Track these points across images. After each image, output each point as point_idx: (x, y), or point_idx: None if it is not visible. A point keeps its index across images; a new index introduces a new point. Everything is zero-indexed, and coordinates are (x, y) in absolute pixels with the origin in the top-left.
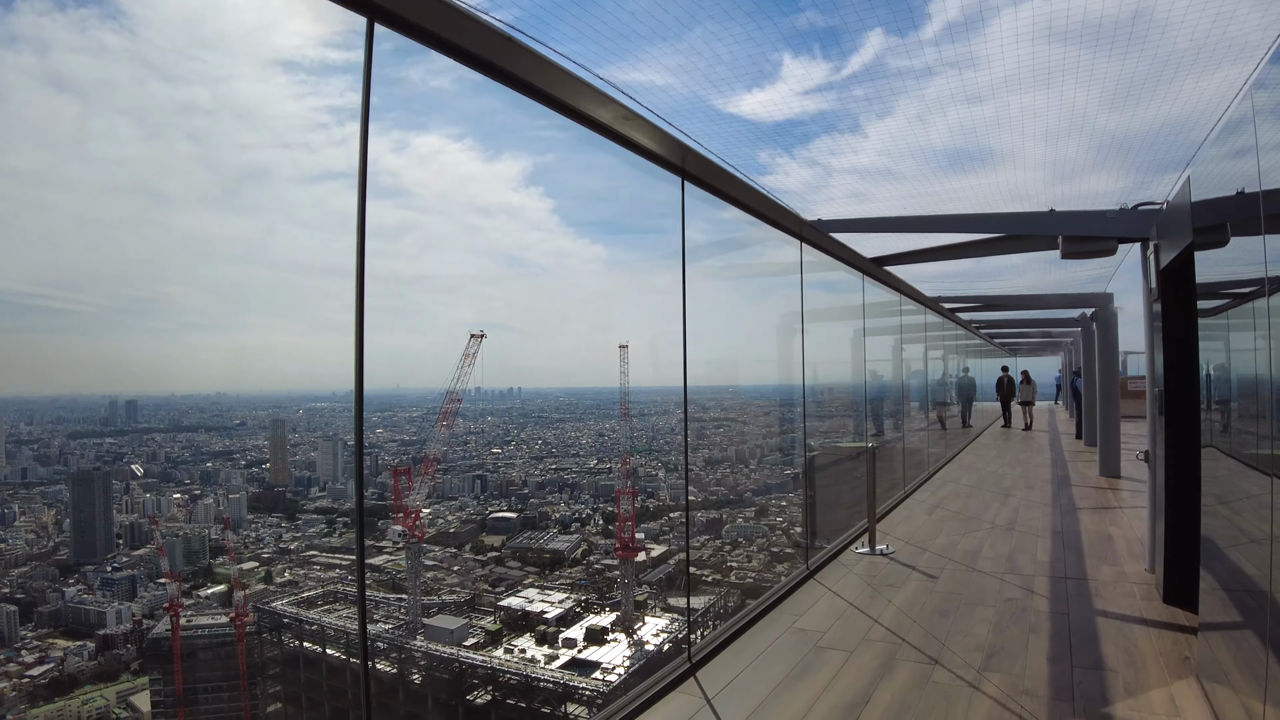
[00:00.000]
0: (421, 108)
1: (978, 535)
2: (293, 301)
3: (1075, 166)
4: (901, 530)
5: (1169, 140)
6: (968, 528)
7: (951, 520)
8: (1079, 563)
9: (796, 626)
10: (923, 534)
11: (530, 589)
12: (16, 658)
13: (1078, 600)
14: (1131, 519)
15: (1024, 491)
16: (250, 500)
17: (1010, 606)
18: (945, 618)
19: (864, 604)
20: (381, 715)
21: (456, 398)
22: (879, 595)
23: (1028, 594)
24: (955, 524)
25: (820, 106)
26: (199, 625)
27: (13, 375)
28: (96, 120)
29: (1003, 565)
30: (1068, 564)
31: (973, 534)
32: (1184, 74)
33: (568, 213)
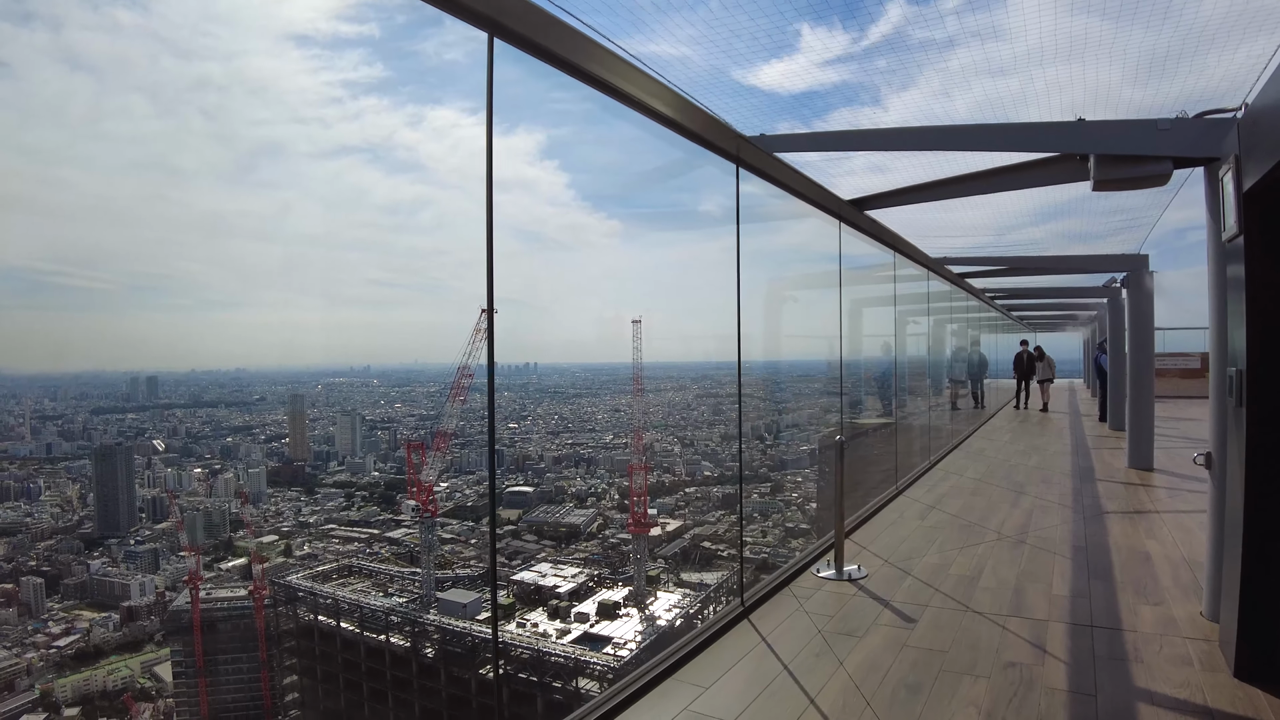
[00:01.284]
0: (436, 81)
1: (978, 551)
2: (310, 277)
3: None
4: (883, 541)
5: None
6: (967, 538)
7: (948, 527)
8: (1110, 599)
9: (693, 710)
10: (909, 548)
11: (544, 563)
12: (44, 629)
13: (1110, 669)
14: (1173, 529)
15: (1039, 487)
16: (270, 475)
17: (1011, 678)
18: (914, 697)
19: (804, 668)
20: (401, 689)
21: (469, 373)
22: (829, 652)
23: (1038, 655)
24: (952, 533)
25: (840, 78)
26: (219, 598)
27: (36, 353)
28: (111, 98)
29: (1007, 602)
30: (1094, 600)
31: (972, 548)
32: (1214, 47)
33: (584, 186)
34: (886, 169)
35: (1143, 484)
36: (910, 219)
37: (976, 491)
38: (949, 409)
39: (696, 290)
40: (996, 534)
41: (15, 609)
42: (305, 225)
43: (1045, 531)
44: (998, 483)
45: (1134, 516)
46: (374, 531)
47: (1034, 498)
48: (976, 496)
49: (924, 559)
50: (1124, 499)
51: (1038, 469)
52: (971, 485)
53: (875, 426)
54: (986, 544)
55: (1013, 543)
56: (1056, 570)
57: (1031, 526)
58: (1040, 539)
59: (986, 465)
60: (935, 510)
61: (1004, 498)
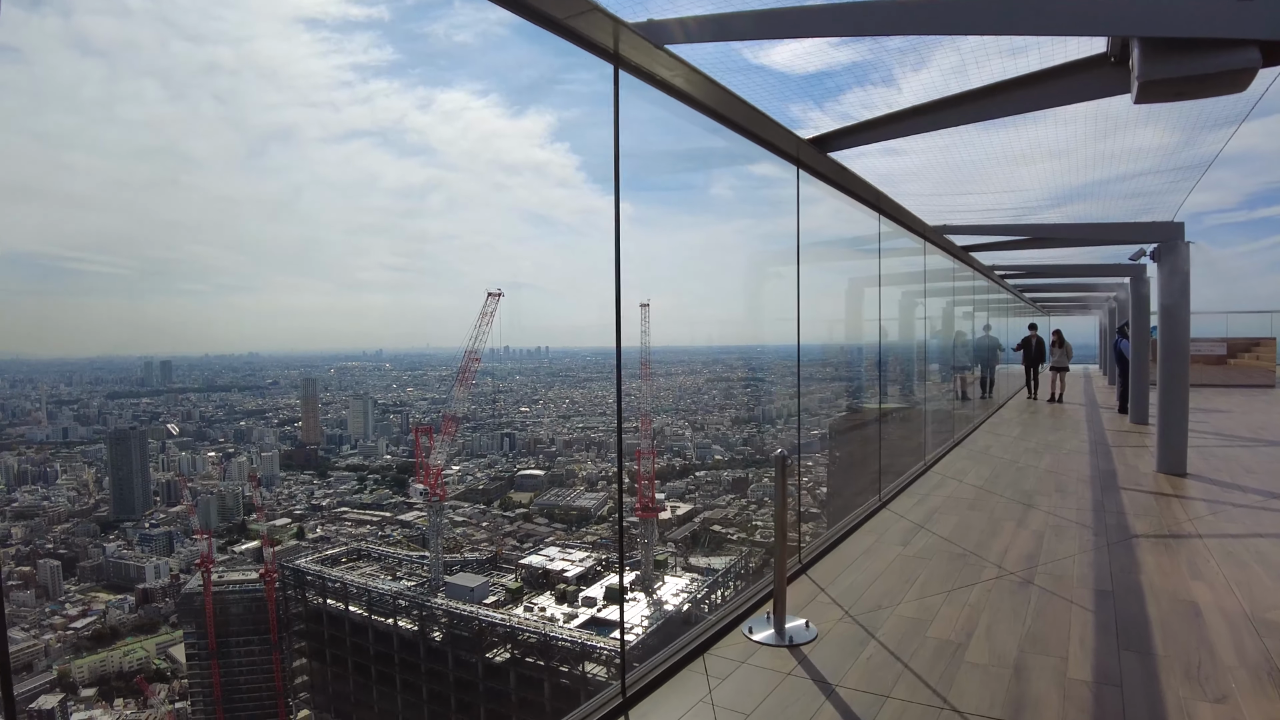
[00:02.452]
0: (446, 64)
1: (971, 597)
2: (322, 261)
3: (1120, 121)
4: (849, 580)
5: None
6: (959, 575)
7: (936, 557)
8: (1151, 690)
9: None
10: (880, 590)
11: (551, 547)
12: (61, 611)
13: None
14: (1222, 564)
15: (1053, 498)
16: (282, 458)
17: None
18: None
19: None
20: (409, 673)
21: (475, 357)
22: None
23: None
24: (940, 566)
25: (853, 58)
26: (230, 581)
27: (52, 338)
28: (123, 83)
29: (1002, 693)
30: (1128, 691)
31: (964, 591)
32: None
33: (594, 169)
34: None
35: (1176, 494)
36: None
37: (976, 504)
38: (953, 399)
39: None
40: (996, 568)
41: (33, 591)
42: (317, 209)
43: (1059, 565)
44: (1002, 492)
45: (1170, 543)
46: (386, 514)
47: (1046, 513)
48: (976, 511)
49: (897, 609)
50: (1156, 516)
51: (1051, 473)
52: (971, 495)
53: (846, 427)
54: (983, 585)
55: (1017, 583)
56: (1074, 633)
57: (1042, 556)
58: (1052, 577)
59: (991, 468)
60: (923, 531)
61: (1009, 513)
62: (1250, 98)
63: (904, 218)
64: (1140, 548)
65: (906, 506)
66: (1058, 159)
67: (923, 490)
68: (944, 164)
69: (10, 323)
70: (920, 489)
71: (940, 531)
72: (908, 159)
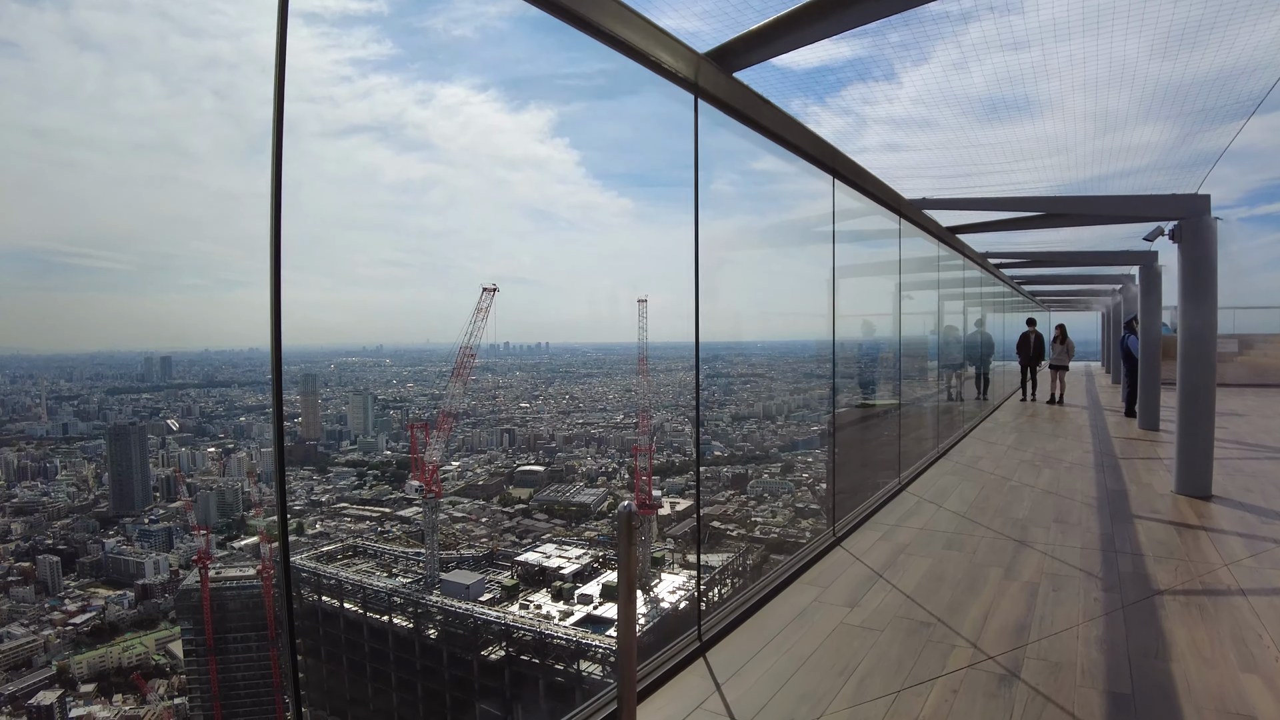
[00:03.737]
0: (446, 58)
1: (927, 704)
2: (322, 256)
3: (1120, 118)
4: (763, 667)
5: (1222, 90)
6: (916, 662)
7: (891, 629)
8: None
9: None
10: (799, 691)
11: (548, 544)
12: (61, 606)
13: None
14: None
15: (1051, 532)
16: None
17: None
18: None
19: None
20: (404, 670)
21: (471, 353)
22: None
23: None
24: (893, 645)
25: (854, 52)
26: (228, 577)
27: (52, 333)
28: (121, 77)
29: None
30: None
31: (918, 693)
32: (1241, 19)
33: (595, 164)
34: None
35: (1203, 524)
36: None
37: (956, 540)
38: (942, 401)
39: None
40: (971, 648)
41: (33, 586)
42: (317, 205)
43: (1057, 644)
44: (990, 522)
45: (1205, 604)
46: (385, 510)
47: (1042, 554)
48: (953, 552)
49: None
50: (1182, 560)
51: (1049, 494)
52: (951, 526)
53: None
54: (947, 680)
55: (996, 679)
56: None
57: (1034, 628)
58: (1047, 667)
59: (979, 487)
60: (880, 584)
61: (995, 554)
62: (1259, 92)
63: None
64: (1166, 612)
65: (867, 544)
66: (1060, 154)
67: (891, 518)
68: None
69: (10, 318)
70: (888, 517)
71: (903, 584)
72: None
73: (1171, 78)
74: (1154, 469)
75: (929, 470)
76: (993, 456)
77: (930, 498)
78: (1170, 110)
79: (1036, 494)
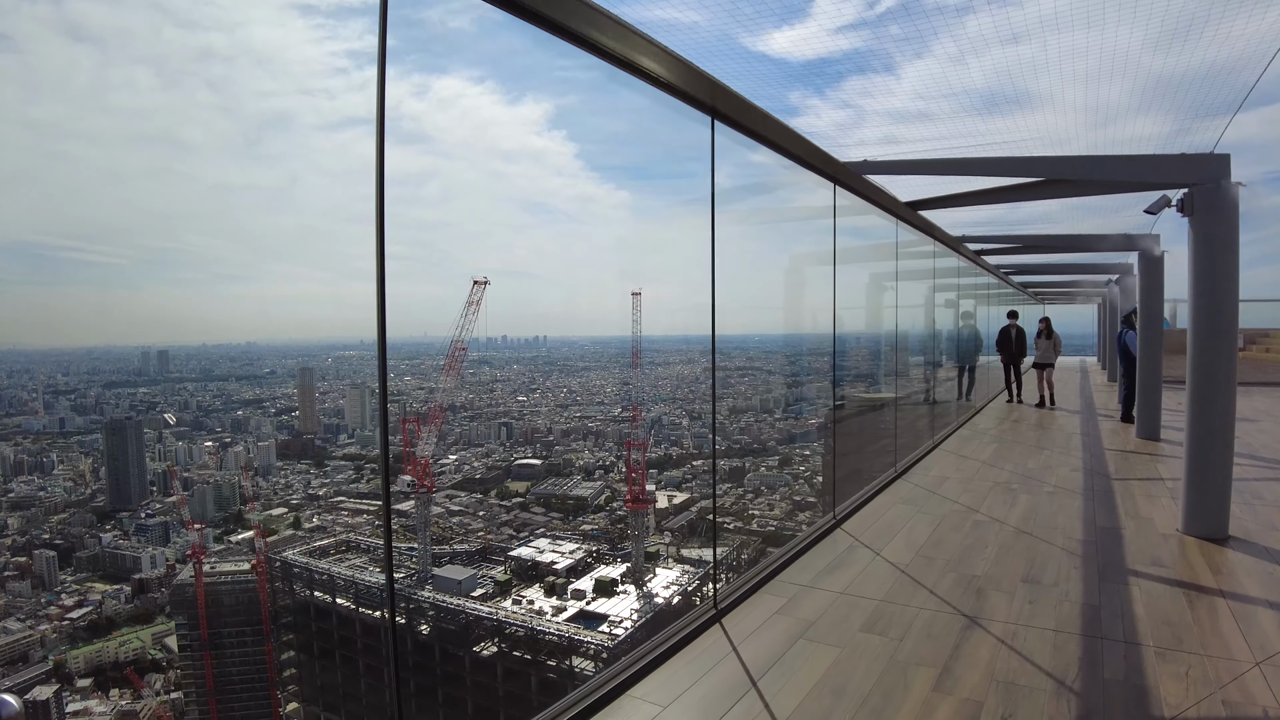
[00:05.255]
0: (441, 49)
1: None
2: (319, 250)
3: (1116, 110)
4: None
5: (1218, 83)
6: None
7: None
8: None
9: None
10: None
11: (541, 539)
12: (57, 601)
13: None
14: None
15: (1017, 600)
16: (279, 447)
17: None
18: None
19: None
20: (399, 668)
21: (462, 346)
22: None
23: None
24: None
25: (853, 45)
26: (223, 572)
27: (49, 327)
28: (115, 70)
29: None
30: None
31: None
32: (1237, 11)
33: (592, 157)
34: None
35: (1221, 587)
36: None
37: (880, 616)
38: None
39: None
40: None
41: (29, 581)
42: (314, 198)
43: None
44: (936, 582)
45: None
46: (382, 503)
47: (996, 645)
48: (873, 636)
49: None
50: (1197, 657)
51: (1022, 535)
52: (882, 588)
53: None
54: None
55: None
56: None
57: None
58: None
59: (935, 523)
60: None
61: (929, 644)
62: (1255, 84)
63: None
64: None
65: (758, 619)
66: (1057, 146)
67: (806, 574)
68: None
69: (7, 313)
70: (802, 572)
71: (783, 706)
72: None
73: (1164, 70)
74: (1155, 495)
75: (880, 496)
76: (962, 476)
77: (869, 539)
78: (1166, 103)
79: (1006, 535)
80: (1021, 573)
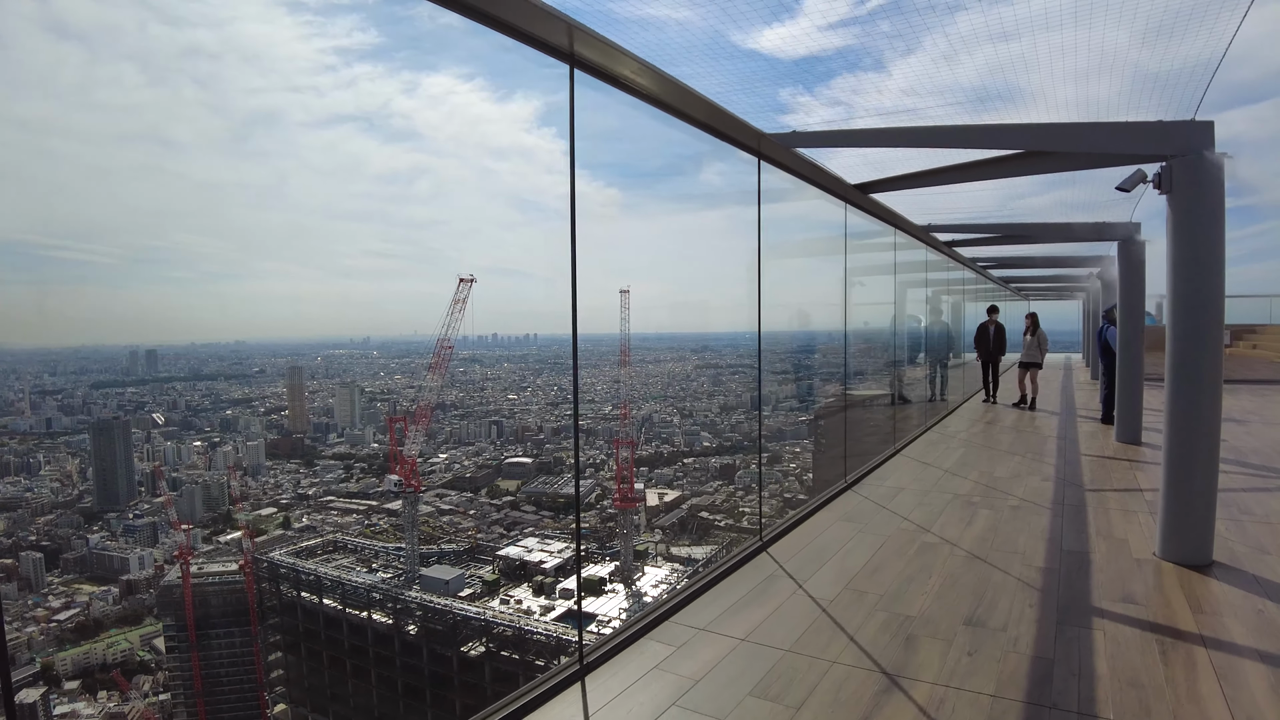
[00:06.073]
0: (431, 46)
1: None
2: (308, 248)
3: (1105, 107)
4: None
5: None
6: None
7: None
8: None
9: None
10: None
11: (530, 538)
12: (44, 603)
13: None
14: None
15: (949, 659)
16: (269, 447)
17: None
18: None
19: None
20: (381, 666)
21: (448, 344)
22: None
23: None
24: None
25: (843, 42)
26: (210, 573)
27: (35, 328)
28: (102, 67)
29: None
30: None
31: None
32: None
33: (581, 154)
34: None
35: (1203, 631)
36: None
37: (782, 675)
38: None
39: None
40: None
41: (15, 583)
42: (303, 196)
43: None
44: (860, 625)
45: None
46: (372, 503)
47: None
48: (763, 704)
49: None
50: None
51: (975, 561)
52: (792, 634)
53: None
54: None
55: None
56: None
57: None
58: None
59: (878, 544)
60: None
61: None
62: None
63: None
64: None
65: (630, 676)
66: None
67: (712, 611)
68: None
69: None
70: (708, 609)
71: None
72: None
73: (1150, 67)
74: (1132, 510)
75: (821, 512)
76: (919, 487)
77: (796, 566)
78: (1154, 101)
79: (956, 561)
80: (965, 612)
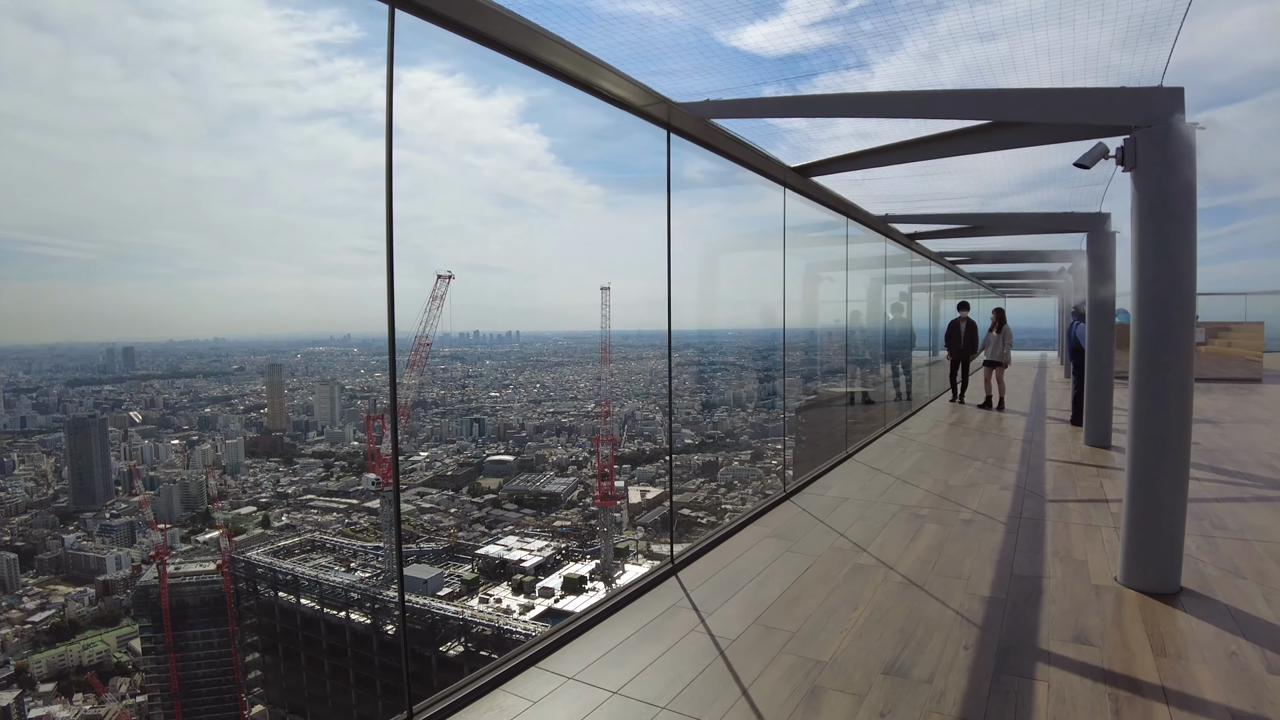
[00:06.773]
0: (412, 41)
1: None
2: (289, 244)
3: None
4: None
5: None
6: None
7: None
8: None
9: None
10: None
11: (510, 536)
12: (19, 604)
13: None
14: None
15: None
16: (248, 445)
17: None
18: None
19: None
20: (366, 669)
21: (426, 341)
22: None
23: None
24: None
25: (825, 40)
26: (187, 573)
27: (10, 324)
28: (78, 60)
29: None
30: None
31: None
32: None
33: (564, 151)
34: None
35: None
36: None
37: None
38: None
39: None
40: None
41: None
42: (283, 191)
43: None
44: (758, 672)
45: None
46: (352, 501)
47: None
48: None
49: None
50: None
51: (909, 589)
52: (684, 679)
53: None
54: None
55: None
56: None
57: None
58: None
59: (803, 565)
60: None
61: None
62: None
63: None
64: None
65: None
66: None
67: (592, 653)
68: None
69: None
70: (589, 650)
71: None
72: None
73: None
74: (1095, 525)
75: (749, 527)
76: (865, 498)
77: (705, 594)
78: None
79: (890, 589)
80: (888, 656)
